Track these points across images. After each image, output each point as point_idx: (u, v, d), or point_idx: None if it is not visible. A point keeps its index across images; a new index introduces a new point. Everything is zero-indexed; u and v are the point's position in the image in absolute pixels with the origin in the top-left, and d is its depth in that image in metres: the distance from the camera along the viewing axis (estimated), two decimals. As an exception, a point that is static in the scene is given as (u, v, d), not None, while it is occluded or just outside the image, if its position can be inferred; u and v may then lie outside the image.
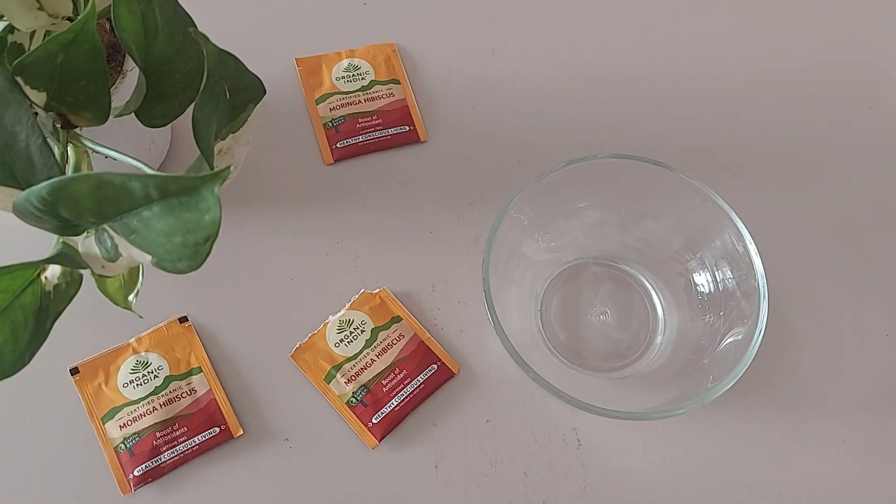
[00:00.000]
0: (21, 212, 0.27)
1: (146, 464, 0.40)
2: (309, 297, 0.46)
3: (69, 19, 0.34)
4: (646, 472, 0.42)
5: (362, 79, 0.52)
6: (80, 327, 0.43)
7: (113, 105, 0.33)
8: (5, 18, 0.32)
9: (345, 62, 0.53)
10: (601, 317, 0.45)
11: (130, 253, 0.28)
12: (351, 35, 0.54)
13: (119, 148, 0.33)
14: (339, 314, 0.45)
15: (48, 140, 0.30)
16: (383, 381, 0.43)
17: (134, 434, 0.41)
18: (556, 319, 0.45)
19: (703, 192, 0.41)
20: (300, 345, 0.44)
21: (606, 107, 0.53)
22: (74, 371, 0.42)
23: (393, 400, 0.42)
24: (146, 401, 0.41)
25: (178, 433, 0.41)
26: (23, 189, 0.30)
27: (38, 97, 0.30)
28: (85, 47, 0.29)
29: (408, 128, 0.51)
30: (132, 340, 0.43)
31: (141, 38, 0.32)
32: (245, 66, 0.33)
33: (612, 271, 0.47)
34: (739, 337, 0.40)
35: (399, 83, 0.52)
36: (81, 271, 0.31)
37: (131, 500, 0.40)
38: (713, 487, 0.42)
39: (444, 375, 0.43)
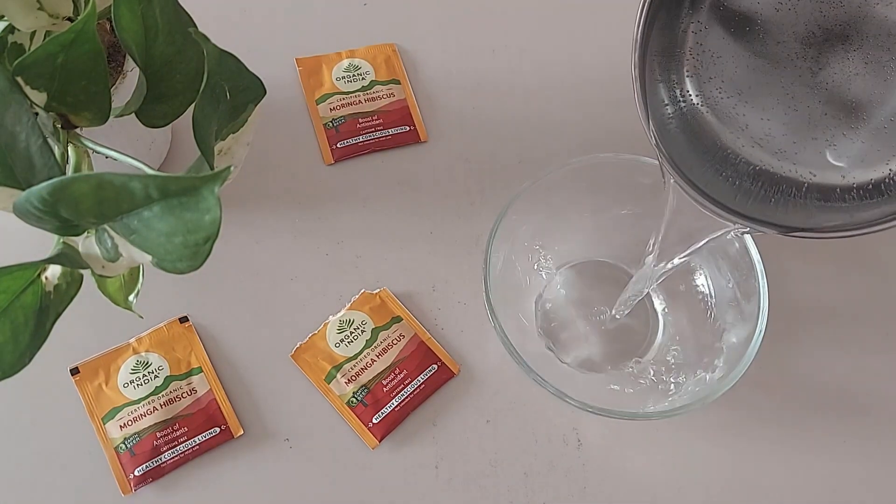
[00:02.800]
0: (21, 212, 0.27)
1: (146, 464, 0.40)
2: (309, 298, 0.46)
3: (69, 19, 0.34)
4: (646, 472, 0.42)
5: (362, 79, 0.52)
6: (81, 327, 0.43)
7: (113, 105, 0.33)
8: (6, 19, 0.32)
9: (345, 62, 0.53)
10: (601, 317, 0.45)
11: (131, 253, 0.28)
12: (351, 35, 0.54)
13: (119, 148, 0.33)
14: (339, 314, 0.45)
15: (48, 140, 0.30)
16: (384, 382, 0.43)
17: (134, 434, 0.41)
18: (557, 319, 0.45)
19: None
20: (300, 345, 0.44)
21: (606, 107, 0.53)
22: (75, 371, 0.42)
23: (393, 400, 0.42)
24: (146, 401, 0.41)
25: (178, 433, 0.41)
26: (23, 189, 0.30)
27: (38, 97, 0.30)
28: (85, 48, 0.29)
29: (408, 128, 0.51)
30: (132, 340, 0.43)
31: (141, 39, 0.32)
32: (245, 67, 0.33)
33: (613, 271, 0.47)
34: (740, 337, 0.40)
35: (399, 83, 0.52)
36: (82, 271, 0.31)
37: (132, 500, 0.40)
38: (713, 487, 0.42)
39: (445, 375, 0.43)
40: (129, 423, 0.41)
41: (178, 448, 0.41)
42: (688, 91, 0.31)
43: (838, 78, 0.28)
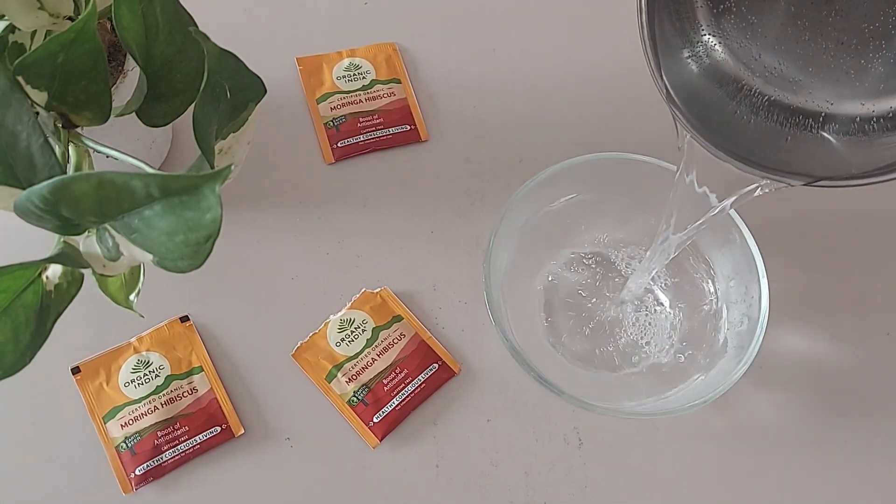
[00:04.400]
0: (22, 211, 0.27)
1: (147, 463, 0.40)
2: (310, 297, 0.46)
3: (70, 19, 0.34)
4: (647, 471, 0.42)
5: (363, 78, 0.52)
6: (82, 327, 0.43)
7: (114, 105, 0.33)
8: (6, 18, 0.32)
9: (345, 61, 0.53)
10: (604, 314, 0.45)
11: (131, 252, 0.28)
12: (352, 34, 0.54)
13: (120, 147, 0.33)
14: (340, 313, 0.45)
15: (49, 140, 0.30)
16: (384, 381, 0.43)
17: (135, 433, 0.41)
18: (558, 318, 0.45)
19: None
20: (301, 344, 0.44)
21: (607, 106, 0.53)
22: (76, 370, 0.42)
23: (394, 399, 0.42)
24: (147, 400, 0.41)
25: (179, 432, 0.41)
26: (24, 188, 0.30)
27: (39, 97, 0.30)
28: (86, 47, 0.29)
29: (409, 127, 0.51)
30: (133, 340, 0.43)
31: (142, 38, 0.32)
32: (245, 66, 0.33)
33: (615, 268, 0.47)
34: (740, 336, 0.40)
35: (400, 82, 0.52)
36: (82, 271, 0.31)
37: (133, 500, 0.40)
38: (714, 487, 0.42)
39: (445, 375, 0.43)
40: (130, 422, 0.41)
41: (178, 447, 0.41)
42: (699, 23, 0.30)
43: (854, 5, 0.27)
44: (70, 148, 0.33)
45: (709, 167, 0.32)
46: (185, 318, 0.44)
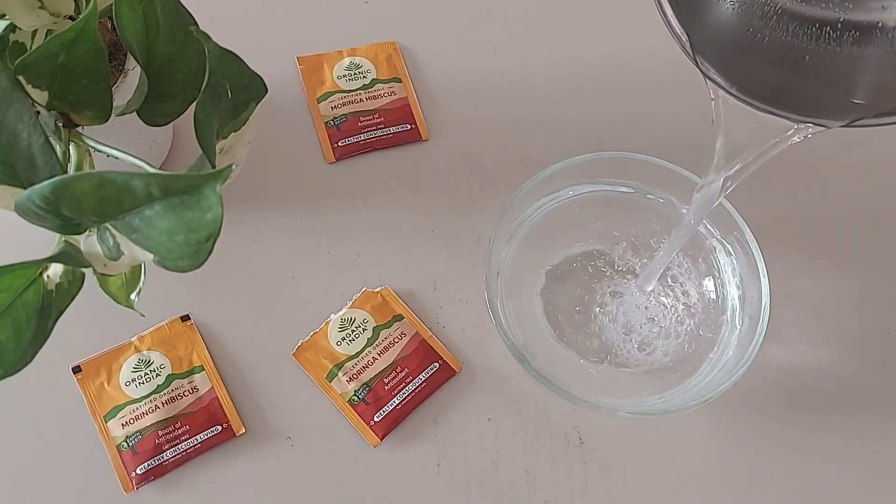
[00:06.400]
0: (23, 211, 0.27)
1: (148, 462, 0.40)
2: (310, 296, 0.46)
3: (71, 18, 0.34)
4: (647, 470, 0.42)
5: (364, 77, 0.52)
6: (82, 326, 0.44)
7: (115, 104, 0.33)
8: (7, 17, 0.32)
9: (346, 61, 0.53)
10: (605, 312, 0.45)
11: (132, 251, 0.28)
12: (352, 33, 0.54)
13: (121, 147, 0.33)
14: (340, 312, 0.45)
15: (50, 139, 0.30)
16: (385, 380, 0.43)
17: (136, 432, 0.41)
18: (559, 316, 0.45)
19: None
20: (302, 343, 0.44)
21: (607, 105, 0.52)
22: (77, 370, 0.42)
23: (395, 398, 0.42)
24: (148, 399, 0.41)
25: (179, 431, 0.41)
26: (25, 188, 0.30)
27: (39, 96, 0.30)
28: (86, 46, 0.29)
29: (409, 126, 0.51)
30: (134, 339, 0.43)
31: (143, 37, 0.32)
32: (246, 65, 0.33)
33: (616, 264, 0.47)
34: (741, 335, 0.40)
35: (400, 81, 0.52)
36: (83, 270, 0.31)
37: (133, 499, 0.40)
38: (715, 485, 0.42)
39: (446, 374, 0.44)
40: (131, 421, 0.41)
41: (179, 446, 0.41)
42: None
43: None
44: (71, 147, 0.33)
45: (746, 116, 0.31)
46: (185, 318, 0.44)
